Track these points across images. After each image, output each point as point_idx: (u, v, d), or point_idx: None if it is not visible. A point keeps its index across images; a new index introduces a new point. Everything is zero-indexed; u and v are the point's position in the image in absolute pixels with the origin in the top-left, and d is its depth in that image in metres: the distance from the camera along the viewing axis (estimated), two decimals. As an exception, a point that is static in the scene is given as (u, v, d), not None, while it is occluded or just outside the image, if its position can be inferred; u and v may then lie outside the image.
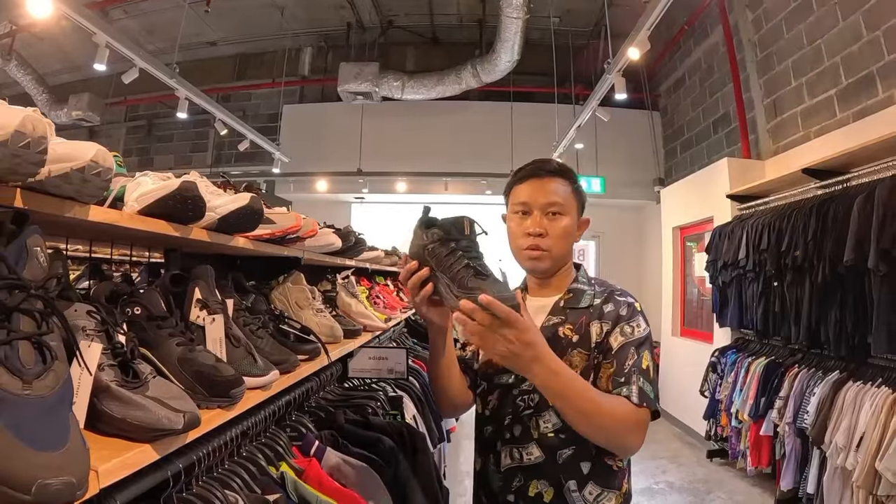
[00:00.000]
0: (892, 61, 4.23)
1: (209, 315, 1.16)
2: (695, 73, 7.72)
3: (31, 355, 0.65)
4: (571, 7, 8.05)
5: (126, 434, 0.78)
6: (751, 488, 4.63)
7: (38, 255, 0.74)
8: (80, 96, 8.34)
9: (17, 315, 0.66)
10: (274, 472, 1.40)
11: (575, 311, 1.52)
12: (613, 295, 1.54)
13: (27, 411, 0.60)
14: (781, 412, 4.04)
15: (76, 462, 0.60)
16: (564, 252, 1.56)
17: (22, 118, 0.69)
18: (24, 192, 0.80)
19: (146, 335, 0.99)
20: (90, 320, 0.85)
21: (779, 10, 5.61)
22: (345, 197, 9.51)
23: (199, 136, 9.73)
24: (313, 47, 9.57)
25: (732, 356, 5.08)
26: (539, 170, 1.56)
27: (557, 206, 1.52)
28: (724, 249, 5.16)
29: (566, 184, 1.56)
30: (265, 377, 1.17)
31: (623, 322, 1.46)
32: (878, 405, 3.17)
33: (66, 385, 0.67)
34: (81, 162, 0.82)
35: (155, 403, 0.80)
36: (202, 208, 1.19)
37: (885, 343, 3.22)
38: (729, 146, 6.81)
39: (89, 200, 0.92)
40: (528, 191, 1.54)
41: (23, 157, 0.72)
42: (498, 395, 1.57)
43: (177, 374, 0.96)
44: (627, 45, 4.92)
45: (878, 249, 3.18)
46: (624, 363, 1.39)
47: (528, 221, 1.52)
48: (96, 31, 4.63)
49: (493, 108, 8.90)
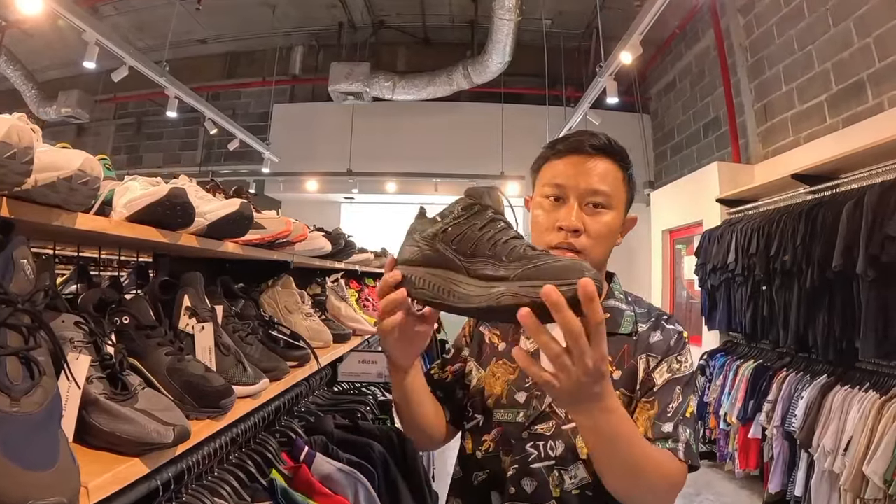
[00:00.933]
0: (882, 68, 4.27)
1: (198, 323, 1.15)
2: (686, 76, 7.76)
3: (18, 371, 0.64)
4: (563, 9, 8.06)
5: (115, 448, 0.77)
6: (739, 490, 4.65)
7: (25, 268, 0.72)
8: (69, 93, 8.26)
9: (4, 330, 0.65)
10: (263, 479, 1.39)
11: (615, 337, 1.16)
12: (661, 321, 1.23)
13: (15, 429, 0.59)
14: (770, 415, 4.07)
15: (66, 481, 0.59)
16: (604, 257, 1.20)
17: (7, 128, 0.68)
18: (9, 201, 0.79)
19: (134, 345, 0.98)
20: (78, 331, 0.84)
21: (770, 15, 5.65)
22: (334, 197, 9.50)
23: (188, 135, 9.68)
24: (304, 46, 9.54)
25: (721, 359, 5.10)
26: (584, 144, 1.18)
27: (602, 197, 1.16)
28: (713, 253, 5.18)
29: (617, 168, 1.19)
30: (255, 386, 1.16)
31: (672, 355, 1.17)
32: (865, 409, 3.19)
33: (55, 401, 0.66)
34: (68, 171, 0.80)
35: (144, 416, 0.79)
36: (191, 215, 1.18)
37: (873, 348, 3.25)
38: (719, 150, 6.86)
39: (77, 209, 0.90)
40: (566, 170, 1.18)
41: (8, 167, 0.71)
42: (499, 435, 1.21)
43: (166, 384, 0.95)
44: (620, 50, 4.94)
45: (866, 255, 3.21)
46: (668, 406, 1.11)
47: (562, 211, 1.15)
48: (86, 29, 4.60)
49: (483, 110, 8.90)
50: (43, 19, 5.67)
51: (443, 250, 0.90)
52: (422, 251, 0.93)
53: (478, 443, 1.24)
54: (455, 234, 0.90)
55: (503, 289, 0.79)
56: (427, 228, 0.94)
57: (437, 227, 0.93)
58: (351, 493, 1.55)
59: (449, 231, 0.91)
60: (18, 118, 0.81)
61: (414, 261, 0.94)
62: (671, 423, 1.09)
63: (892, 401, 3.11)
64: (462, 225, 0.91)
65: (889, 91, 4.21)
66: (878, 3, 4.27)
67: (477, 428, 1.25)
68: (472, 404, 1.28)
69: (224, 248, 1.42)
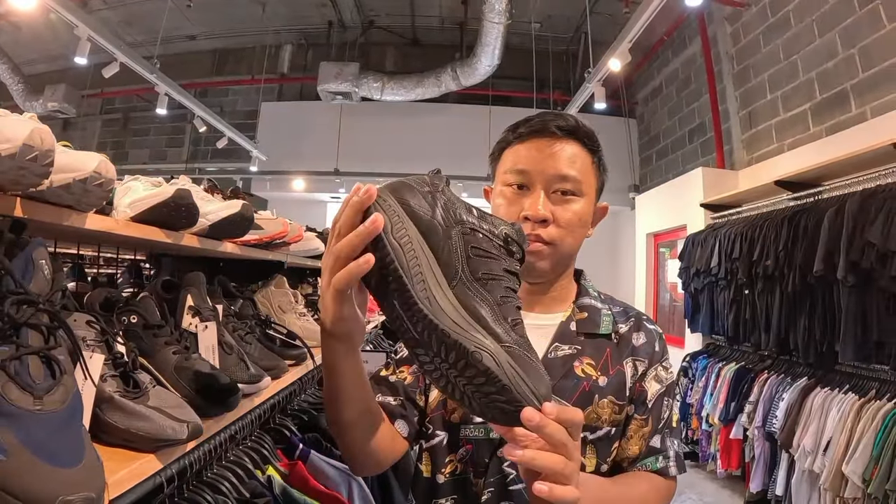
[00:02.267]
0: (865, 78, 4.35)
1: (202, 322, 1.17)
2: (672, 82, 7.83)
3: (39, 370, 0.66)
4: (552, 13, 8.11)
5: (130, 444, 0.79)
6: (721, 490, 4.71)
7: (44, 269, 0.74)
8: (56, 87, 8.16)
9: (25, 330, 0.67)
10: (260, 475, 1.41)
11: (595, 339, 1.08)
12: (641, 320, 1.14)
13: (40, 427, 0.61)
14: (751, 416, 4.13)
15: (93, 477, 0.61)
16: (573, 249, 1.08)
17: (30, 131, 0.70)
18: (23, 201, 0.80)
19: (142, 343, 1.00)
20: (90, 330, 0.86)
21: (757, 24, 5.73)
22: (321, 196, 9.48)
23: (175, 131, 9.60)
24: (293, 45, 9.51)
25: (703, 361, 5.15)
26: (549, 125, 1.06)
27: (572, 183, 1.04)
28: (696, 257, 5.24)
29: (586, 152, 1.08)
30: (258, 384, 1.19)
31: (659, 361, 1.10)
32: (844, 411, 3.26)
33: (76, 398, 0.68)
34: (84, 173, 0.82)
35: (157, 413, 0.81)
36: (195, 215, 1.20)
37: (852, 351, 3.31)
38: (704, 155, 6.92)
39: (87, 209, 0.92)
40: (530, 154, 1.05)
41: (28, 168, 0.72)
42: (468, 455, 1.04)
43: (174, 382, 0.97)
44: (608, 56, 4.98)
45: (847, 261, 3.27)
46: (659, 422, 1.06)
47: (528, 200, 1.03)
48: (79, 25, 4.55)
49: (471, 111, 8.91)
50: (32, 12, 5.62)
51: (455, 240, 0.70)
52: (434, 216, 0.70)
53: (439, 465, 1.06)
54: (482, 245, 0.71)
55: (492, 347, 0.64)
56: (458, 206, 0.73)
57: (472, 220, 0.72)
58: (345, 490, 1.58)
59: (480, 237, 0.72)
60: (30, 118, 0.83)
61: (416, 213, 0.70)
62: (659, 437, 1.05)
63: (870, 402, 3.18)
64: (492, 246, 0.72)
65: (872, 101, 4.28)
66: (862, 15, 4.34)
67: (439, 447, 1.06)
68: (432, 420, 1.08)
69: (223, 248, 1.44)
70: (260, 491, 1.32)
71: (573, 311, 1.11)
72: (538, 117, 1.08)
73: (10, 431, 0.58)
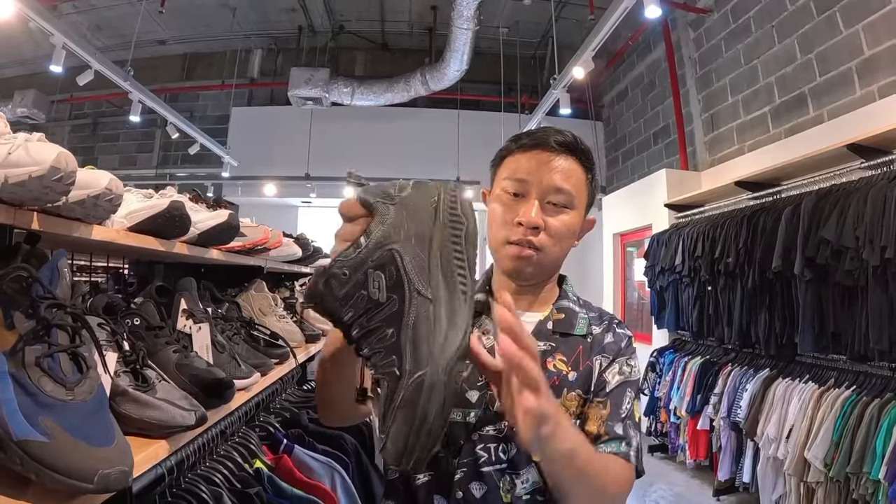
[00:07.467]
0: (822, 83, 4.53)
1: (195, 324, 1.26)
2: (637, 86, 8.01)
3: (68, 365, 0.75)
4: (520, 18, 8.24)
5: (143, 432, 0.88)
6: (690, 479, 4.85)
7: (66, 276, 0.83)
8: (25, 93, 8.00)
9: (55, 330, 0.76)
10: (249, 468, 1.50)
11: (570, 338, 1.16)
12: (613, 324, 1.22)
13: (75, 414, 0.70)
14: (717, 408, 4.27)
15: (125, 455, 0.70)
16: (560, 257, 1.17)
17: (56, 154, 0.78)
18: (39, 215, 0.89)
19: (145, 343, 1.08)
20: (102, 331, 0.94)
21: (719, 30, 5.92)
22: (292, 201, 9.48)
23: (145, 137, 9.49)
24: (263, 49, 9.51)
25: (670, 356, 5.26)
26: (550, 140, 1.13)
27: (565, 196, 1.11)
28: (661, 255, 5.35)
29: (581, 168, 1.15)
30: (249, 379, 1.28)
31: (623, 357, 1.16)
32: (805, 399, 3.40)
33: (101, 390, 0.77)
34: (97, 189, 0.91)
35: (167, 404, 0.90)
36: (188, 225, 1.29)
37: (811, 342, 3.44)
38: (668, 157, 7.10)
39: (94, 221, 1.01)
40: (529, 165, 1.13)
41: (52, 188, 0.81)
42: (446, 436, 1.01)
43: (175, 378, 1.06)
44: (572, 65, 5.11)
45: (803, 257, 3.41)
46: (619, 408, 1.10)
47: (523, 207, 1.10)
48: (54, 32, 4.52)
49: (440, 116, 8.96)
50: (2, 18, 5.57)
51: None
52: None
53: None
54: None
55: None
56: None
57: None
58: (328, 481, 1.67)
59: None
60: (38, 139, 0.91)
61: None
62: (622, 425, 1.08)
63: (829, 391, 3.32)
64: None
65: (828, 104, 4.46)
66: (820, 22, 4.52)
67: None
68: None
69: (210, 255, 1.53)
70: (250, 482, 1.41)
71: (551, 312, 1.18)
72: (541, 131, 1.16)
73: (49, 418, 0.67)
